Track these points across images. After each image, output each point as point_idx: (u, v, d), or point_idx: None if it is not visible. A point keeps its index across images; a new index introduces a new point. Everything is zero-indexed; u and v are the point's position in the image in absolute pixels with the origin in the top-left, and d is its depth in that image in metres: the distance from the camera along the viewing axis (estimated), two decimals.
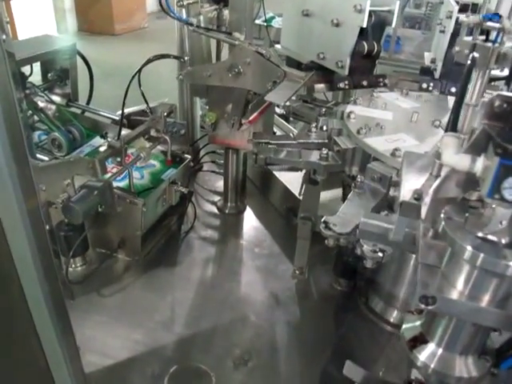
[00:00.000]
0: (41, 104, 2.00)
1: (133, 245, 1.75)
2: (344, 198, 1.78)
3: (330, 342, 1.54)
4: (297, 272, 1.72)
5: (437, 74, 1.78)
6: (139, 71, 1.78)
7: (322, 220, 1.04)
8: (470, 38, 1.26)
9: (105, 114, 2.12)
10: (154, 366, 1.40)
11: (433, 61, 1.83)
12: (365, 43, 1.65)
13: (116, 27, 5.65)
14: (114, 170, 1.68)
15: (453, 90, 1.74)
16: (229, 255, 1.90)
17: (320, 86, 1.76)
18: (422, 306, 0.63)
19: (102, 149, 1.78)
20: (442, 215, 0.66)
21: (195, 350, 1.47)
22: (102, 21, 5.55)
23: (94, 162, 1.54)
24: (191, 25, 1.78)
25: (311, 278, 1.76)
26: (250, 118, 1.74)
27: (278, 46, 2.07)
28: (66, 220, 1.52)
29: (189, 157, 1.95)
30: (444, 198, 0.71)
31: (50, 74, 2.16)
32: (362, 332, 1.60)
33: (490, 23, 1.20)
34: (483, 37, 1.24)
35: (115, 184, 1.68)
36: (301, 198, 1.97)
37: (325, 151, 1.29)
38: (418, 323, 0.70)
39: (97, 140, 1.98)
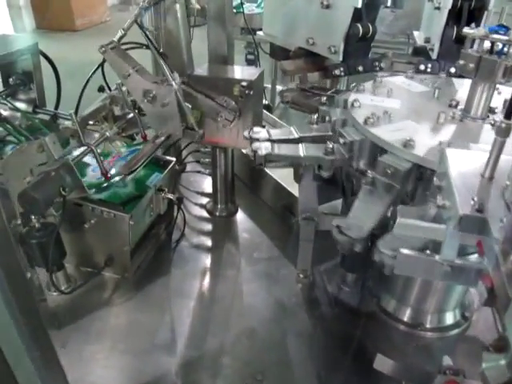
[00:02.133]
0: (4, 113, 1.80)
1: (121, 261, 1.60)
2: (343, 193, 1.67)
3: (345, 350, 1.43)
4: (301, 276, 1.59)
5: (434, 55, 1.67)
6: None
7: (334, 224, 0.92)
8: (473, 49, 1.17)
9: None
10: None
11: (427, 40, 1.71)
12: (359, 25, 1.53)
13: (77, 22, 5.38)
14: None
15: (452, 70, 1.64)
16: (226, 263, 1.77)
17: (313, 75, 1.63)
18: None
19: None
20: None
21: (203, 374, 1.34)
22: (61, 16, 5.28)
23: (43, 141, 1.34)
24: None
25: (316, 281, 1.64)
26: None
27: (260, 33, 1.94)
28: (36, 225, 1.36)
29: (174, 159, 1.79)
30: None
31: (11, 79, 1.96)
32: (377, 334, 1.50)
33: (496, 35, 1.10)
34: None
35: (96, 196, 1.53)
36: (294, 192, 1.86)
37: (330, 145, 1.16)
38: (502, 362, 0.59)
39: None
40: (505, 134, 0.71)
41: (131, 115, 1.66)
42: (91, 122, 1.60)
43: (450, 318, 1.51)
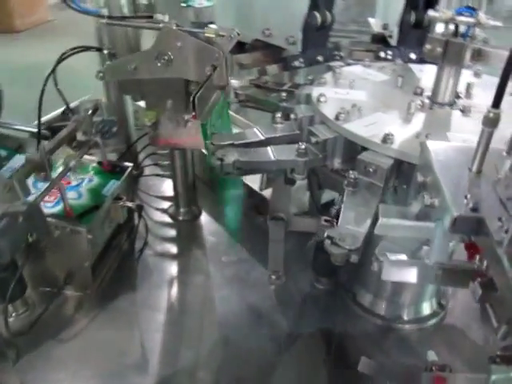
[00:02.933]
0: None
1: (82, 278, 1.49)
2: (310, 188, 1.62)
3: (324, 350, 1.39)
4: (273, 277, 1.54)
5: (393, 41, 1.64)
6: (54, 70, 1.51)
7: (326, 235, 0.86)
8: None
9: (21, 128, 1.79)
10: None
11: (385, 27, 1.69)
12: (317, 13, 1.47)
13: (17, 23, 5.05)
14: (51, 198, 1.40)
15: (412, 56, 1.62)
16: (194, 269, 1.68)
17: (272, 68, 1.57)
18: None
19: None
20: None
21: None
22: None
23: (10, 182, 1.24)
24: (102, 17, 1.51)
25: (289, 281, 1.59)
26: (194, 113, 1.51)
27: (212, 27, 1.84)
28: None
29: (131, 165, 1.69)
30: None
31: None
32: (355, 331, 1.47)
33: (463, 18, 1.08)
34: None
35: (48, 211, 1.41)
36: (262, 192, 1.80)
37: (303, 145, 1.10)
38: None
39: (18, 160, 1.66)
40: (493, 124, 0.67)
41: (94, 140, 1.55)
42: None
43: (427, 309, 1.50)
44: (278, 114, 1.25)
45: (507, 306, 0.60)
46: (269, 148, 1.15)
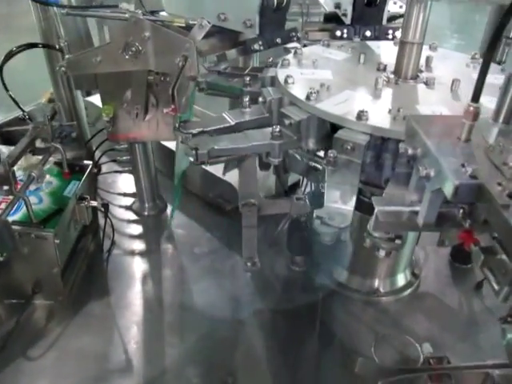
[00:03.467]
0: None
1: (52, 285, 1.41)
2: (277, 172, 1.61)
3: (308, 331, 1.40)
4: (248, 264, 1.53)
5: (348, 20, 1.65)
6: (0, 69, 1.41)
7: (315, 216, 0.85)
8: None
9: None
10: None
11: (337, 6, 1.68)
12: None
13: None
14: (3, 205, 1.31)
15: (368, 33, 1.63)
16: (166, 264, 1.64)
17: (231, 53, 1.53)
18: None
19: None
20: None
21: None
22: None
23: None
24: (63, 7, 1.42)
25: (265, 267, 1.58)
26: (173, 106, 1.44)
27: (163, 14, 1.78)
28: None
29: (90, 163, 1.62)
30: None
31: None
32: (335, 308, 1.49)
33: None
34: None
35: (9, 218, 1.33)
36: (225, 178, 1.77)
37: (277, 128, 1.08)
38: None
39: None
40: (473, 118, 0.69)
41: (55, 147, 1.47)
42: None
43: (401, 280, 1.54)
44: (246, 98, 1.22)
45: (509, 268, 0.62)
46: (242, 133, 1.13)
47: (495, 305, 1.46)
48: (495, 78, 1.11)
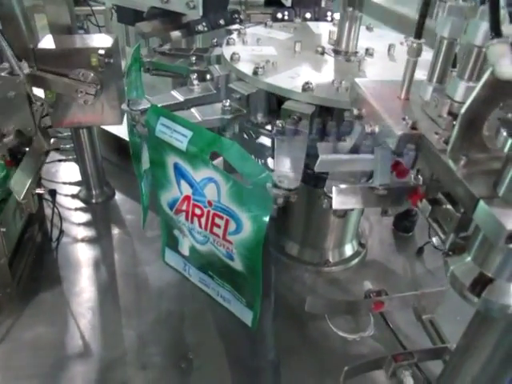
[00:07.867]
0: None
1: None
2: None
3: (265, 305, 1.44)
4: None
5: (288, 2, 1.70)
6: None
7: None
8: None
9: None
10: None
11: None
12: None
13: None
14: None
15: (308, 15, 1.69)
16: (118, 249, 1.63)
17: (176, 34, 1.54)
18: None
19: None
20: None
21: (130, 371, 1.23)
22: None
23: None
24: None
25: None
26: None
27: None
28: None
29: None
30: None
31: None
32: (289, 279, 1.54)
33: None
34: None
35: None
36: None
37: (227, 103, 1.11)
38: (468, 259, 0.62)
39: None
40: (416, 53, 0.75)
41: None
42: None
43: (349, 250, 1.62)
44: (194, 76, 1.24)
45: (452, 215, 0.68)
46: (192, 109, 1.14)
47: (435, 267, 1.58)
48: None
